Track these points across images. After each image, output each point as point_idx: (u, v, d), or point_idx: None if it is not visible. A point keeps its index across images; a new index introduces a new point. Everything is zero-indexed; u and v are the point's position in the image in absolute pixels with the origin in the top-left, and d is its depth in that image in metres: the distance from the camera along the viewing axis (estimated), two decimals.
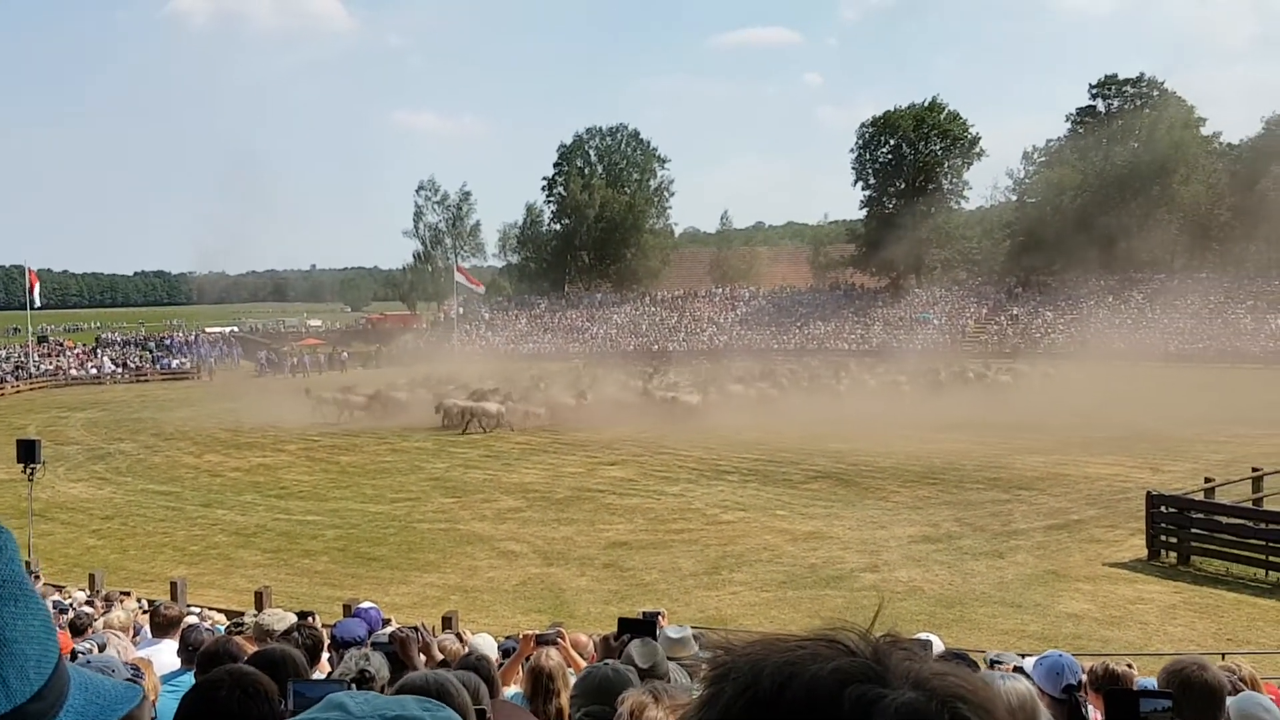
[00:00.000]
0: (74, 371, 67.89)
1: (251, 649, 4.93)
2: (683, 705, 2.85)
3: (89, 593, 14.13)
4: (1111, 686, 5.10)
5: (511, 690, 5.23)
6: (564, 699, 4.46)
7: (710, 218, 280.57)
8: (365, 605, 9.26)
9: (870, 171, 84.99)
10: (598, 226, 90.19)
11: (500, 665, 6.99)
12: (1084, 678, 4.97)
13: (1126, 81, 79.62)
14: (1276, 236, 72.72)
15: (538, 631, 5.94)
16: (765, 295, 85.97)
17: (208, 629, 6.53)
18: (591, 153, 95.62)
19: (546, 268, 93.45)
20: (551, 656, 4.76)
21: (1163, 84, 78.76)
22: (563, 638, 5.86)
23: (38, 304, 72.17)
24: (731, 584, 17.18)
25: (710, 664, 0.90)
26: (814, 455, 29.52)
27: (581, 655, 6.38)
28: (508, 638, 9.26)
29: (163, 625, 6.98)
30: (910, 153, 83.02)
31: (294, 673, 3.74)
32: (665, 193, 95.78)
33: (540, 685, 4.54)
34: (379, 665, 4.41)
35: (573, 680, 4.53)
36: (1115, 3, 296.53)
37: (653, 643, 4.40)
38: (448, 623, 12.10)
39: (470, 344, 79.77)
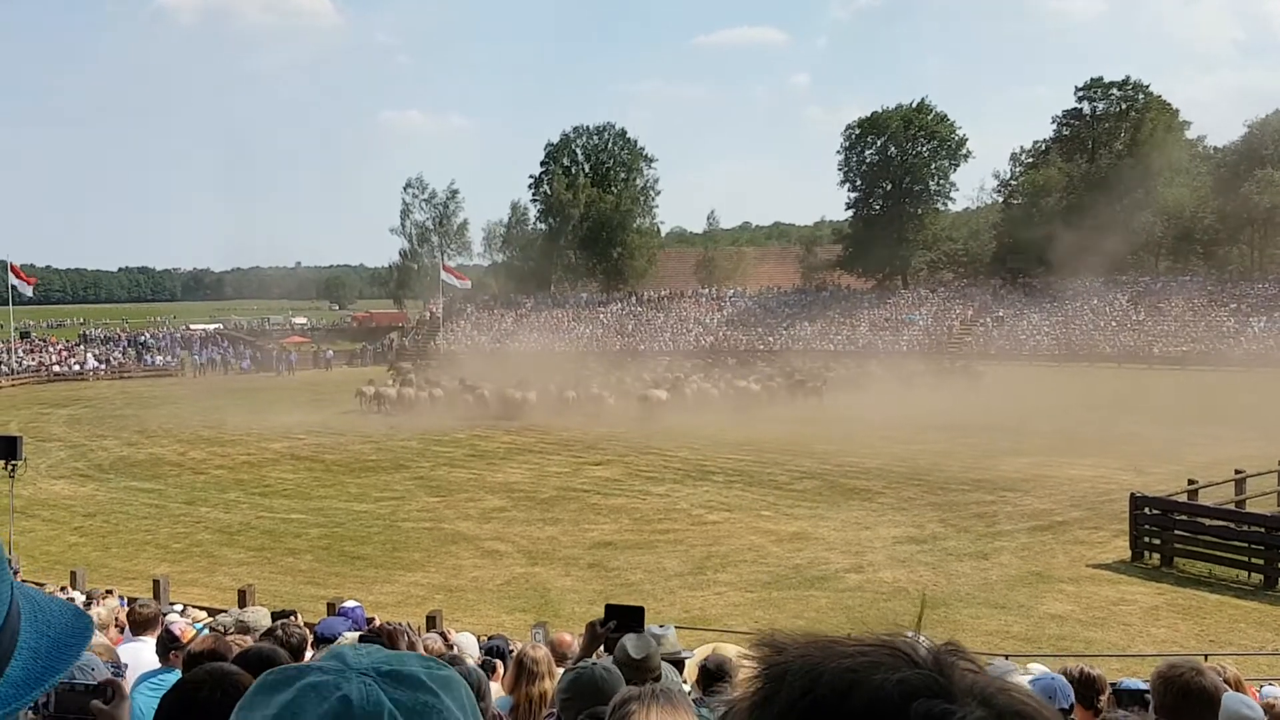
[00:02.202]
0: (57, 368, 67.49)
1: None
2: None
3: (69, 589, 14.03)
4: (1088, 690, 5.13)
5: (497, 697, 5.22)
6: (548, 684, 4.49)
7: (697, 218, 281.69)
8: (349, 604, 9.22)
9: (857, 173, 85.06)
10: (584, 226, 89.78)
11: (483, 662, 6.98)
12: (1074, 700, 4.98)
13: (1112, 85, 79.84)
14: (1259, 240, 73.27)
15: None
16: (751, 296, 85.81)
17: (180, 628, 6.42)
18: (578, 152, 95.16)
19: (533, 267, 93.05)
20: (539, 648, 4.84)
21: (1148, 87, 79.14)
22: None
23: (30, 295, 71.59)
24: (716, 584, 17.18)
25: (762, 663, 0.86)
26: (800, 456, 29.55)
27: (567, 655, 6.38)
28: (491, 637, 9.23)
29: (140, 623, 6.90)
30: (897, 154, 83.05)
31: None
32: (652, 192, 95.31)
33: (524, 670, 4.60)
34: None
35: (559, 674, 4.54)
36: (1103, 6, 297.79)
37: (647, 635, 4.40)
38: (432, 622, 12.06)
39: (456, 343, 79.48)
